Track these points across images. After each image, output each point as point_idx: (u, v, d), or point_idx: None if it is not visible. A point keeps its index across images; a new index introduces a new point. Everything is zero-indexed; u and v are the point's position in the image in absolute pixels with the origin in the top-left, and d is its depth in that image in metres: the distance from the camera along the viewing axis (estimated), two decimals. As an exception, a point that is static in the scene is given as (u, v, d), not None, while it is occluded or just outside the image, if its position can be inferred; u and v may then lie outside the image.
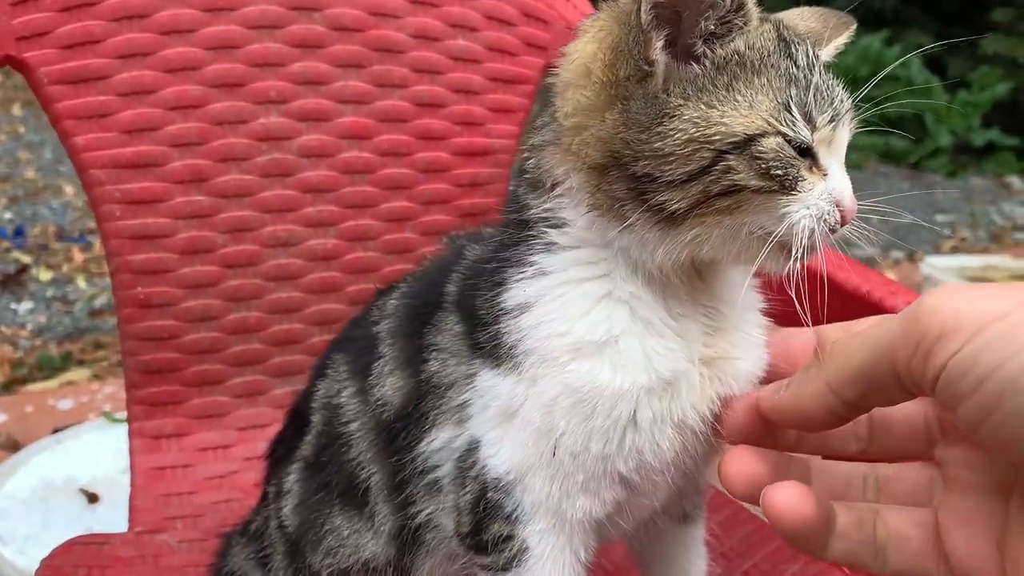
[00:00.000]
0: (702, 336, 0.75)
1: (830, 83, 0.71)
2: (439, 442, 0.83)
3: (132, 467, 1.24)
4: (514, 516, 0.78)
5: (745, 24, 0.68)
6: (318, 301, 1.34)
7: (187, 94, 1.22)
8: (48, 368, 3.05)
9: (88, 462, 2.27)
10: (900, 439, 0.71)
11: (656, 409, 0.72)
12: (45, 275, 3.89)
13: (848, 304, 1.11)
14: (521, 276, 0.76)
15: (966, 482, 0.65)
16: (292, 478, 0.98)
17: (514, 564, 0.78)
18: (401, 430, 0.85)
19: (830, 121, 0.69)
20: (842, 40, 0.81)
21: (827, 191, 0.68)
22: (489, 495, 0.78)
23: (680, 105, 0.67)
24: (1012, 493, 0.62)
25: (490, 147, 1.41)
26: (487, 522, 0.79)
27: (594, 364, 0.72)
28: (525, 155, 0.80)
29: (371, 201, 1.35)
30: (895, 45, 7.16)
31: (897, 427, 0.71)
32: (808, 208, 0.68)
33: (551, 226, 0.75)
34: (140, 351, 1.24)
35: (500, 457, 0.78)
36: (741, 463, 0.68)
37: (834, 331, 0.73)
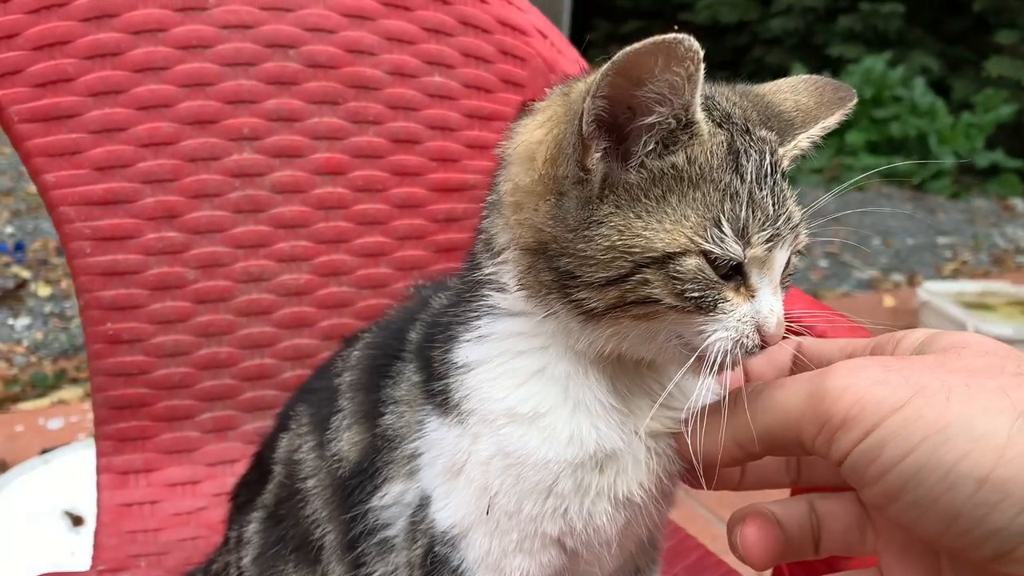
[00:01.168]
0: (649, 411, 0.73)
1: (780, 200, 0.66)
2: (390, 497, 0.83)
3: (98, 503, 1.23)
4: (460, 571, 0.78)
5: (691, 139, 0.66)
6: (290, 336, 1.34)
7: (159, 131, 1.22)
8: (41, 386, 3.05)
9: (75, 484, 2.27)
10: (825, 474, 0.75)
11: (587, 483, 0.72)
12: (44, 290, 3.91)
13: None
14: (467, 337, 0.77)
15: (890, 528, 0.67)
16: (252, 528, 0.98)
17: None
18: (356, 487, 0.85)
19: (767, 241, 0.65)
20: (833, 120, 0.75)
21: (750, 314, 0.66)
22: (436, 549, 0.79)
23: (610, 213, 0.65)
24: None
25: (466, 183, 1.41)
26: None
27: (525, 431, 0.72)
28: (483, 212, 0.80)
29: (345, 236, 1.36)
30: (899, 66, 7.16)
31: (821, 463, 0.74)
32: (726, 331, 0.65)
33: (496, 289, 0.75)
34: (109, 387, 1.24)
35: (446, 512, 0.78)
36: (758, 536, 0.70)
37: (811, 344, 0.76)
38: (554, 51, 1.42)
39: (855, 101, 0.77)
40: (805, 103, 0.76)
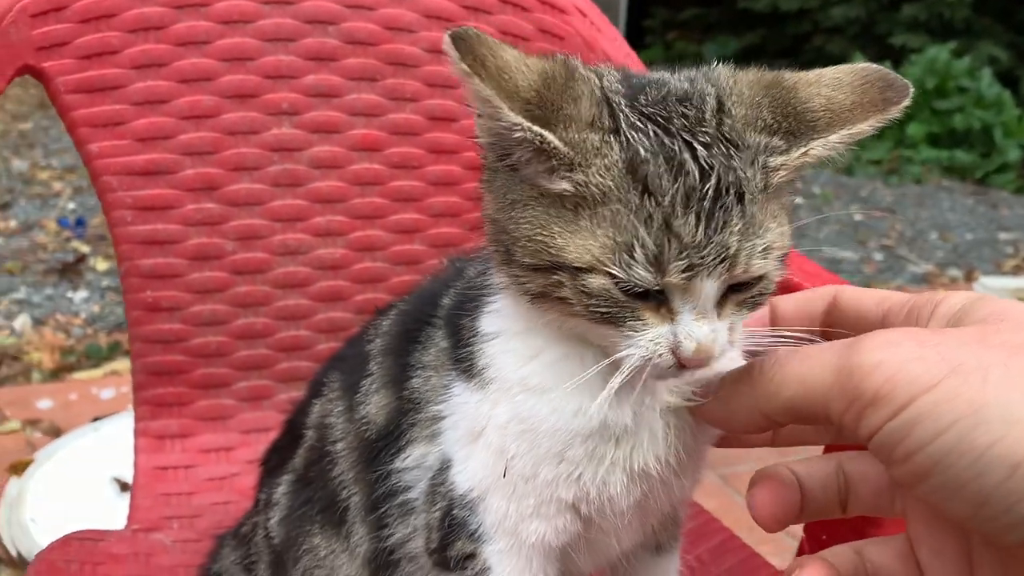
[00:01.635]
0: (667, 386, 0.73)
1: (714, 226, 0.60)
2: (412, 459, 0.85)
3: (135, 466, 1.27)
4: (477, 534, 0.79)
5: (571, 166, 0.62)
6: (325, 309, 1.36)
7: (200, 104, 1.25)
8: (95, 357, 3.14)
9: (123, 451, 2.34)
10: None
11: (600, 452, 0.72)
12: (102, 265, 4.02)
13: None
14: (489, 308, 0.78)
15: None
16: (281, 490, 1.00)
17: None
18: (381, 449, 0.87)
19: (685, 271, 0.60)
20: (864, 126, 0.65)
21: (665, 336, 0.63)
22: (455, 512, 0.80)
23: (531, 200, 0.65)
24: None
25: (501, 161, 1.42)
26: (452, 539, 0.80)
27: (536, 401, 0.72)
28: None
29: (380, 212, 1.37)
30: (965, 57, 6.96)
31: None
32: (636, 348, 0.63)
33: None
34: (148, 353, 1.28)
35: (466, 475, 0.79)
36: (768, 498, 0.70)
37: (849, 293, 0.73)
38: (593, 29, 1.41)
39: (902, 104, 0.66)
40: (840, 101, 0.66)
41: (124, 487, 2.26)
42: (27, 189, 4.93)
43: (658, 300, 0.63)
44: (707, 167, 0.60)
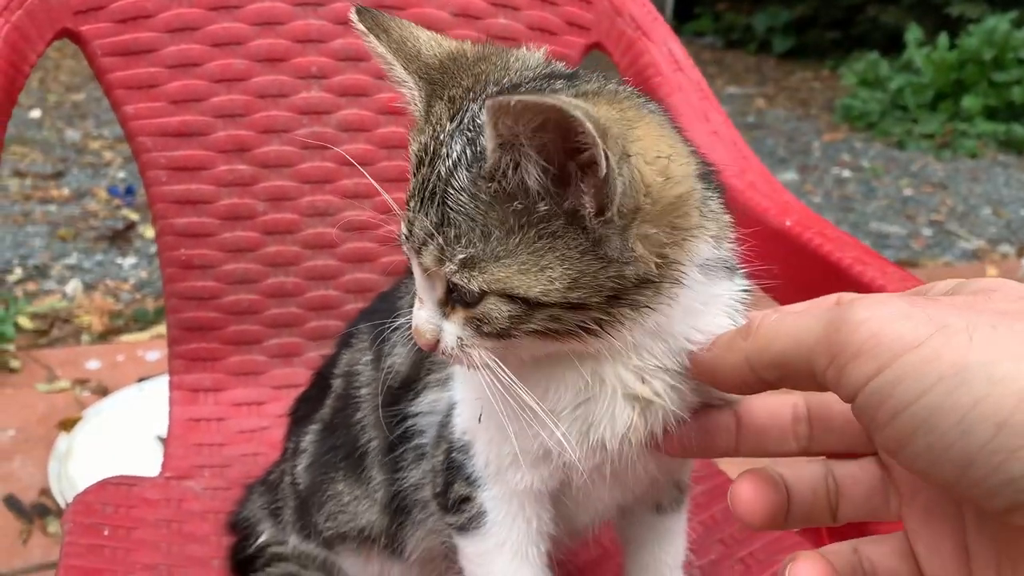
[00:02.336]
0: (634, 374, 0.71)
1: (421, 211, 0.66)
2: (426, 404, 0.88)
3: (170, 416, 1.33)
4: (472, 478, 0.82)
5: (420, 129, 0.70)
6: (352, 270, 1.40)
7: (232, 67, 1.28)
8: (143, 321, 3.23)
9: (166, 411, 2.42)
10: (840, 437, 0.70)
11: (559, 416, 0.72)
12: (150, 233, 4.11)
13: (824, 274, 1.12)
14: None
15: (913, 490, 0.65)
16: (308, 438, 1.04)
17: (472, 525, 0.82)
18: (401, 396, 0.90)
19: (405, 242, 0.70)
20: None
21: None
22: (453, 455, 0.83)
23: None
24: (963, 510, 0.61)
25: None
26: (451, 481, 0.83)
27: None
28: None
29: (406, 175, 1.38)
30: (1025, 27, 6.74)
31: (836, 424, 0.70)
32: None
33: None
34: (182, 309, 1.32)
35: (460, 418, 0.82)
36: (750, 493, 0.68)
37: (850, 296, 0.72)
38: (618, -8, 1.41)
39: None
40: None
41: (167, 445, 2.34)
42: (79, 158, 5.05)
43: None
44: (444, 163, 0.64)
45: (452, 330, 0.67)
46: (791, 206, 1.26)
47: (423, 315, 0.68)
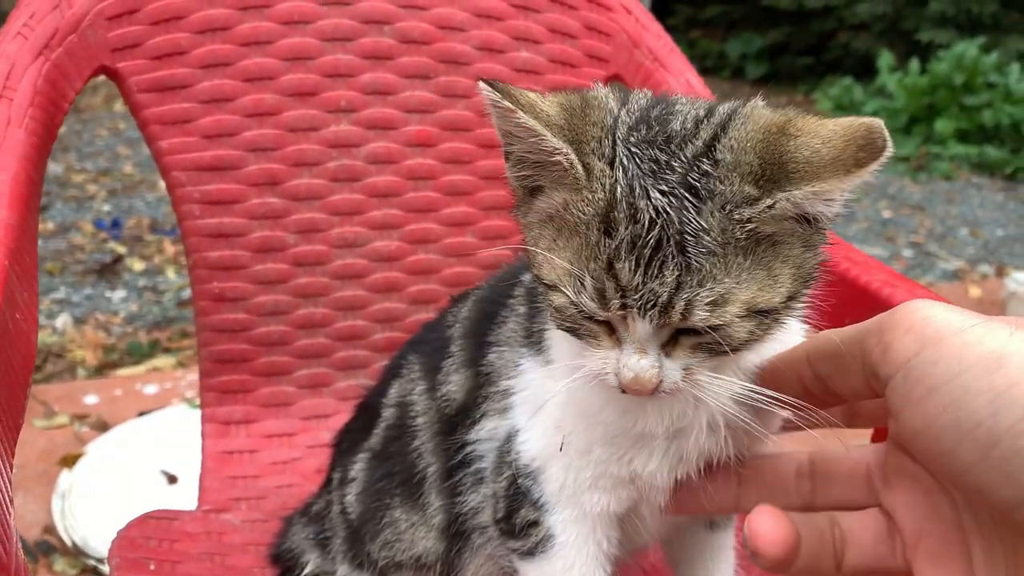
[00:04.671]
0: (681, 411, 0.75)
1: (650, 273, 0.63)
2: (486, 432, 0.90)
3: (203, 450, 1.32)
4: (540, 503, 0.83)
5: (573, 186, 0.66)
6: (381, 300, 1.41)
7: (263, 102, 1.30)
8: (137, 354, 3.21)
9: (170, 445, 2.41)
10: (842, 489, 0.73)
11: (647, 445, 0.76)
12: (138, 265, 4.09)
13: (856, 299, 1.14)
14: None
15: (918, 535, 0.66)
16: (358, 467, 1.05)
17: (539, 549, 0.83)
18: (459, 423, 0.92)
19: (621, 309, 0.64)
20: (831, 185, 0.62)
21: (611, 359, 0.68)
22: (520, 481, 0.84)
23: (529, 221, 0.72)
24: (970, 539, 0.63)
25: (550, 156, 1.46)
26: (517, 507, 0.85)
27: (589, 391, 0.76)
28: None
29: (434, 206, 1.42)
30: (993, 52, 6.92)
31: (839, 477, 0.73)
32: (592, 362, 0.69)
33: None
34: (214, 342, 1.33)
35: (529, 444, 0.84)
36: (771, 526, 0.67)
37: None
38: (639, 26, 1.45)
39: (871, 167, 0.62)
40: (822, 156, 0.63)
41: (172, 479, 2.32)
42: (63, 192, 5.02)
43: (611, 326, 0.68)
44: (655, 215, 0.62)
45: (675, 365, 0.67)
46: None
47: (646, 363, 0.66)
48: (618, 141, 0.66)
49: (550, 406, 0.80)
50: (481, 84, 0.68)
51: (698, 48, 9.49)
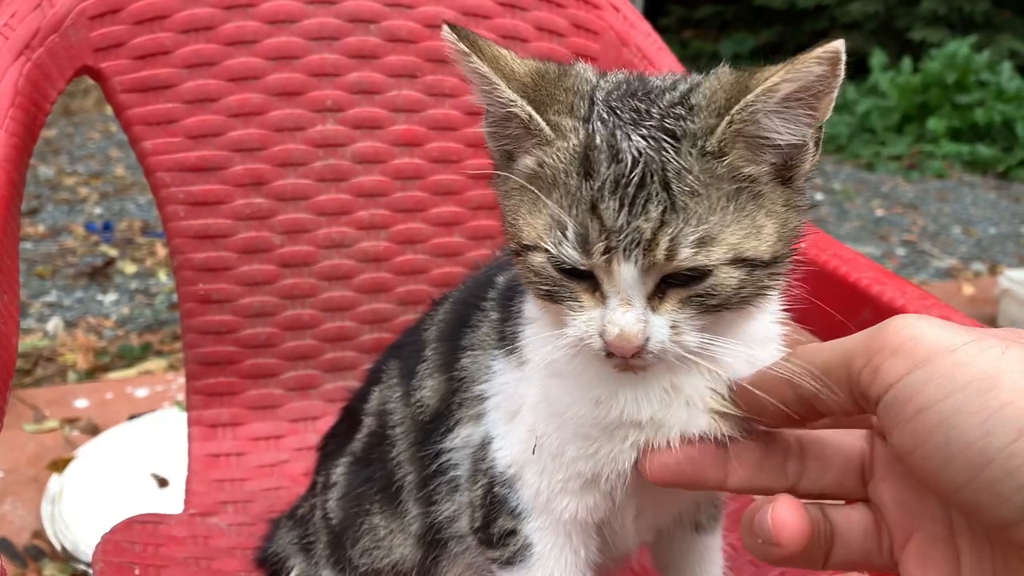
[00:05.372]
0: (700, 390, 0.72)
1: (633, 211, 0.63)
2: (460, 439, 0.88)
3: (189, 453, 1.31)
4: (517, 511, 0.82)
5: (540, 141, 0.67)
6: (369, 300, 1.40)
7: (248, 102, 1.29)
8: (128, 357, 3.20)
9: (160, 448, 2.39)
10: (835, 476, 0.71)
11: (621, 434, 0.73)
12: (130, 268, 4.08)
13: (845, 296, 1.14)
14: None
15: (907, 532, 0.65)
16: (339, 471, 1.04)
17: (518, 559, 0.82)
18: (433, 430, 0.90)
19: (604, 253, 0.63)
20: (778, 77, 0.63)
21: (596, 319, 0.66)
22: (496, 489, 0.83)
23: (507, 188, 0.71)
24: (959, 541, 0.62)
25: (538, 155, 1.45)
26: (494, 516, 0.83)
27: (561, 386, 0.75)
28: None
29: (421, 206, 1.41)
30: (985, 51, 6.93)
31: (834, 463, 0.71)
32: (573, 327, 0.67)
33: None
34: (200, 344, 1.31)
35: (504, 451, 0.82)
36: (796, 517, 0.65)
37: None
38: (627, 24, 1.44)
39: (818, 66, 0.63)
40: (777, 71, 0.65)
41: (163, 483, 2.30)
42: (54, 195, 5.01)
43: (592, 284, 0.66)
44: (637, 155, 0.63)
45: (663, 322, 0.66)
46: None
47: (631, 316, 0.64)
48: (597, 102, 0.68)
49: (524, 410, 0.79)
50: (444, 27, 0.71)
51: (691, 48, 9.49)
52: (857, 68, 7.72)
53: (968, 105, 6.67)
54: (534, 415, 0.78)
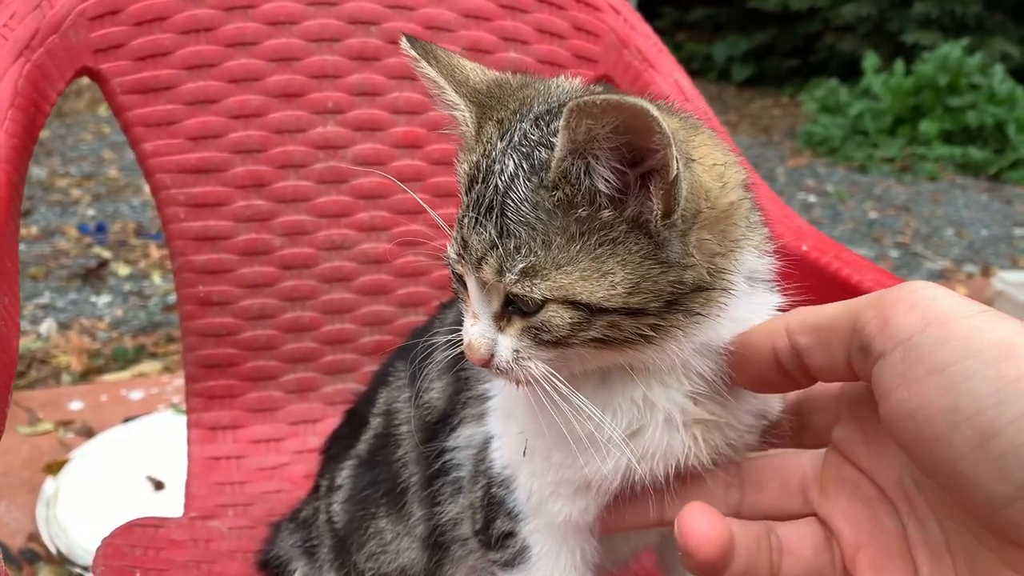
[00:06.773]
0: (687, 397, 0.71)
1: (476, 229, 0.66)
2: (463, 439, 0.88)
3: (189, 456, 1.30)
4: (514, 512, 0.81)
5: (466, 146, 0.72)
6: (369, 303, 1.40)
7: (249, 104, 1.28)
8: (122, 359, 3.18)
9: (156, 451, 2.38)
10: (773, 498, 0.71)
11: (587, 452, 0.72)
12: (123, 270, 4.06)
13: (847, 298, 1.14)
14: None
15: (857, 548, 0.64)
16: (344, 474, 1.03)
17: (517, 561, 0.81)
18: (439, 431, 0.90)
19: (457, 258, 0.69)
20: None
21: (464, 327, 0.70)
22: (493, 490, 0.82)
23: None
24: (915, 552, 0.61)
25: (539, 157, 1.45)
26: (493, 517, 0.83)
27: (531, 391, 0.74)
28: None
29: (422, 207, 1.40)
30: (977, 54, 6.96)
31: (771, 485, 0.71)
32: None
33: None
34: (200, 346, 1.31)
35: (501, 452, 0.82)
36: (707, 525, 0.64)
37: None
38: (627, 26, 1.44)
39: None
40: None
41: (158, 485, 2.29)
42: (46, 196, 4.98)
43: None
44: (500, 178, 0.65)
45: (507, 343, 0.68)
46: (804, 231, 1.29)
47: (477, 330, 0.68)
48: (525, 118, 0.68)
49: (518, 410, 0.78)
50: (402, 39, 0.73)
51: (684, 51, 9.50)
52: (850, 71, 7.76)
53: (960, 108, 6.69)
54: (524, 416, 0.78)
